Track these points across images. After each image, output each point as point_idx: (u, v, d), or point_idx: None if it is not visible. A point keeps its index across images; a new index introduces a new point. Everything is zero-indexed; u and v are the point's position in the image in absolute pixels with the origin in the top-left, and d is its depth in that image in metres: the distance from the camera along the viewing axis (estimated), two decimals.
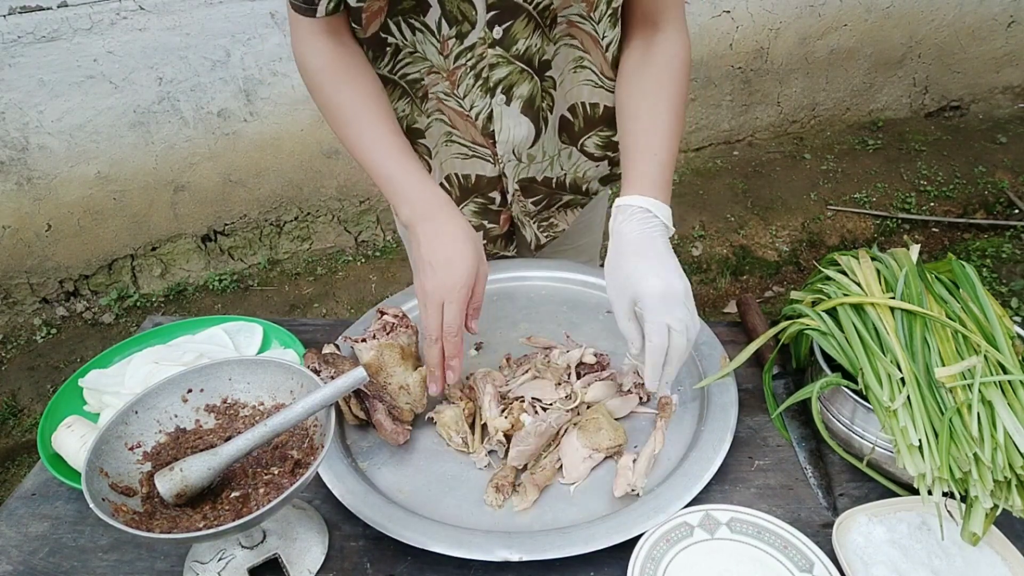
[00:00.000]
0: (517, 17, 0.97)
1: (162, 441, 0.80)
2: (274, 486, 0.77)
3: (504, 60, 1.01)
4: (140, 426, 0.79)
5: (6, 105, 2.60)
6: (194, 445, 0.80)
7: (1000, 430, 0.74)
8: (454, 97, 1.07)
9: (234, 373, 0.84)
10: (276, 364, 0.83)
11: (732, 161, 3.49)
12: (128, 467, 0.76)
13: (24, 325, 3.00)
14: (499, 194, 1.19)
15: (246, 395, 0.84)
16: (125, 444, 0.77)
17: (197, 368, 0.82)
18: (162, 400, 0.81)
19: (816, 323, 0.90)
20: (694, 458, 0.87)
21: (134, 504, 0.73)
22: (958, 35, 3.51)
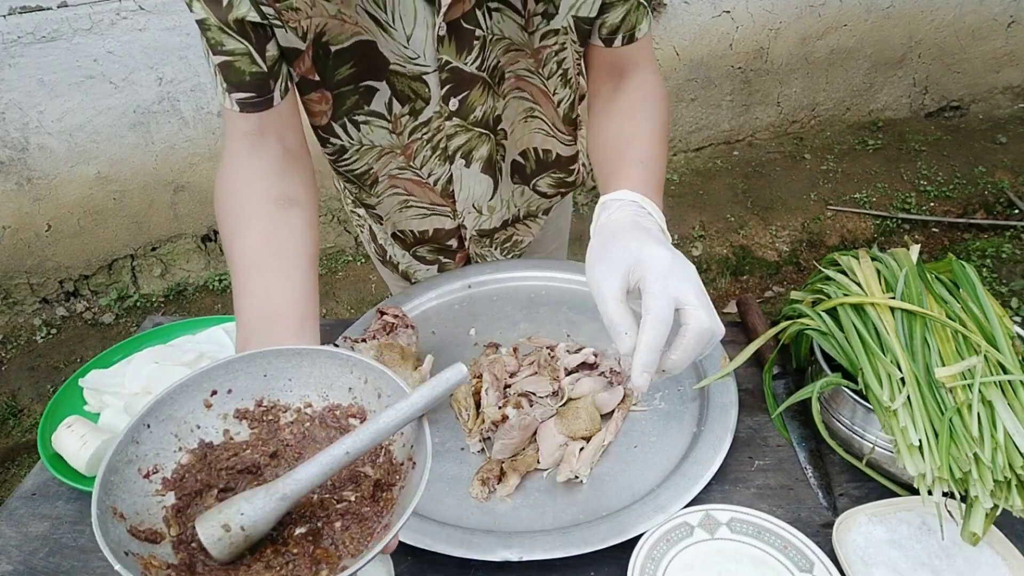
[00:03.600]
0: (473, 87, 0.94)
1: (184, 462, 0.60)
2: (355, 518, 0.59)
3: (463, 128, 0.99)
4: (155, 444, 0.59)
5: (6, 105, 2.60)
6: (229, 466, 0.62)
7: (1000, 430, 0.74)
8: (410, 169, 1.05)
9: (271, 367, 0.64)
10: (327, 354, 0.65)
11: (732, 161, 3.49)
12: (146, 502, 0.57)
13: (24, 325, 3.00)
14: (456, 240, 1.20)
15: (287, 395, 0.65)
16: (139, 470, 0.58)
17: (222, 363, 0.63)
18: (179, 408, 0.61)
19: (816, 323, 0.90)
20: (694, 458, 0.87)
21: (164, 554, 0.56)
22: (958, 35, 3.51)
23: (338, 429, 0.65)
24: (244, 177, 0.87)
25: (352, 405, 0.65)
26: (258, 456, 0.63)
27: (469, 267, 1.23)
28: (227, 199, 0.86)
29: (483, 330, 1.10)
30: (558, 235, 1.38)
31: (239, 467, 0.62)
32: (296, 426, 0.65)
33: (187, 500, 0.59)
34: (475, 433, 0.92)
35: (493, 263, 1.23)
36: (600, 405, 0.94)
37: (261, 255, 0.80)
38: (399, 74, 0.91)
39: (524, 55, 0.96)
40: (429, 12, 0.85)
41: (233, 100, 0.85)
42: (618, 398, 0.95)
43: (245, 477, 0.62)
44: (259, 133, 0.88)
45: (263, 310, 0.76)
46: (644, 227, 0.76)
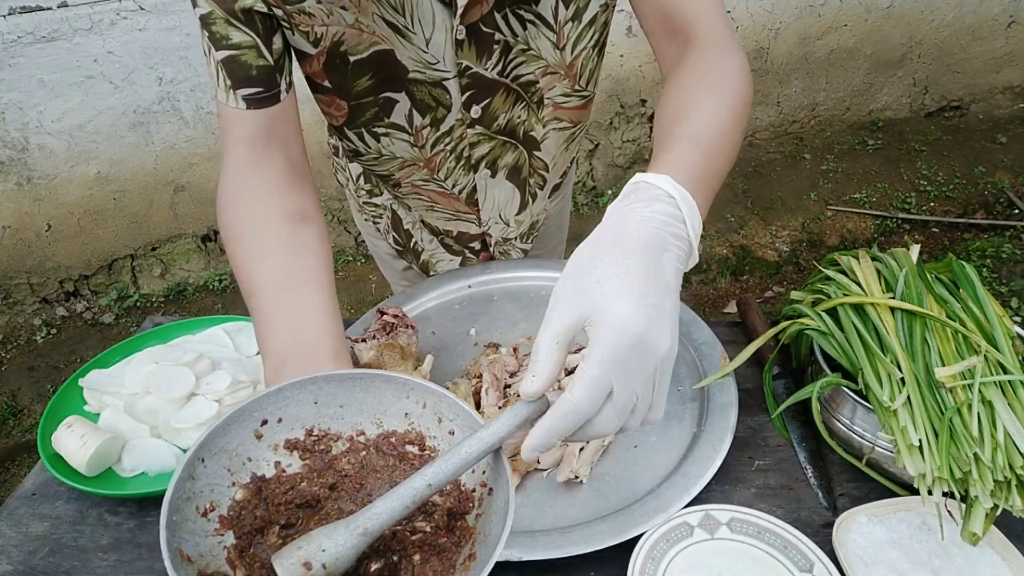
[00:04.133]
0: (495, 93, 0.93)
1: (239, 498, 0.57)
2: (433, 549, 0.56)
3: (485, 137, 0.98)
4: (209, 480, 0.56)
5: (6, 105, 2.60)
6: (287, 500, 0.58)
7: (1000, 430, 0.74)
8: (434, 181, 1.04)
9: (321, 394, 0.61)
10: (382, 378, 0.62)
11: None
12: (207, 543, 0.54)
13: (24, 325, 3.00)
14: (480, 243, 1.20)
15: (339, 423, 0.62)
16: (196, 508, 0.55)
17: (272, 391, 0.60)
18: (231, 439, 0.58)
19: (816, 323, 0.90)
20: (694, 458, 0.87)
21: None
22: (958, 35, 3.51)
23: (396, 457, 0.62)
24: (253, 190, 0.83)
25: (409, 431, 0.62)
26: (316, 488, 0.60)
27: (469, 267, 1.23)
28: (237, 214, 0.82)
29: (483, 330, 1.10)
30: (558, 232, 1.38)
31: (297, 501, 0.59)
32: (351, 455, 0.62)
33: (248, 539, 0.56)
34: None
35: (493, 263, 1.23)
36: None
37: (286, 281, 0.77)
38: (419, 82, 0.89)
39: (560, 76, 0.95)
40: (447, 15, 0.83)
41: (239, 97, 0.81)
42: None
43: (305, 512, 0.59)
44: (264, 140, 0.84)
45: (294, 340, 0.73)
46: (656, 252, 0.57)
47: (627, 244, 0.57)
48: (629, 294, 0.54)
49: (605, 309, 0.54)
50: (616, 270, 0.55)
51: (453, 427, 0.61)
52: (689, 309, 1.10)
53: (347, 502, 0.60)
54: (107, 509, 0.90)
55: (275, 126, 0.84)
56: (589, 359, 0.53)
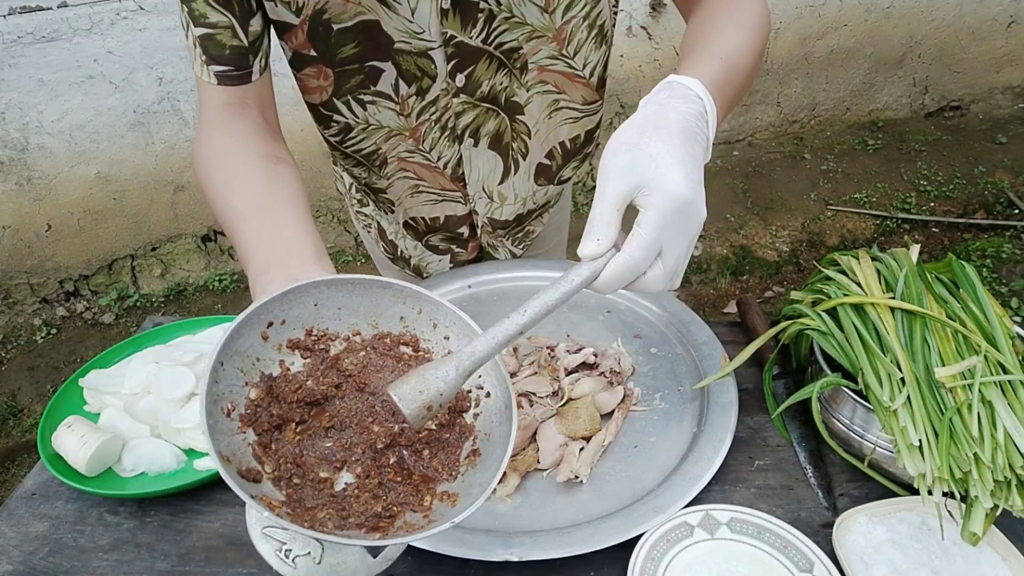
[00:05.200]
0: (478, 61, 0.94)
1: (253, 397, 0.61)
2: (439, 444, 0.61)
3: (470, 105, 0.99)
4: (228, 382, 0.60)
5: (6, 105, 2.60)
6: (297, 399, 0.62)
7: (1000, 430, 0.74)
8: (419, 152, 1.04)
9: (321, 296, 0.65)
10: (380, 284, 0.65)
11: (732, 161, 3.49)
12: (235, 441, 0.58)
13: (24, 325, 3.00)
14: (468, 228, 1.20)
15: (336, 323, 0.66)
16: (222, 410, 0.58)
17: (278, 295, 0.62)
18: (243, 342, 0.61)
19: (816, 323, 0.90)
20: (694, 458, 0.87)
21: (270, 492, 0.56)
22: (958, 35, 3.51)
23: (393, 357, 0.66)
24: (229, 139, 0.86)
25: (404, 333, 0.66)
26: (324, 388, 0.63)
27: (470, 267, 1.23)
28: (214, 158, 0.84)
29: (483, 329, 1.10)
30: (557, 232, 1.38)
31: (307, 400, 0.62)
32: (350, 355, 0.65)
33: (268, 436, 0.60)
34: None
35: (493, 263, 1.23)
36: (600, 405, 0.94)
37: (264, 200, 0.79)
38: (404, 52, 0.91)
39: (546, 40, 0.95)
40: None
41: (211, 73, 0.85)
42: (618, 398, 0.95)
43: (314, 409, 0.62)
44: (239, 105, 0.87)
45: (276, 246, 0.74)
46: (691, 138, 0.64)
47: (670, 128, 0.63)
48: (679, 168, 0.61)
49: (660, 180, 0.60)
50: (666, 147, 0.61)
51: (448, 333, 0.65)
52: (689, 309, 1.10)
53: (352, 400, 0.64)
54: (107, 509, 0.90)
55: (248, 97, 0.88)
56: (645, 223, 0.60)
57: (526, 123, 1.05)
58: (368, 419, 0.63)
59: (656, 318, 1.11)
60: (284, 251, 0.73)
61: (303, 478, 0.58)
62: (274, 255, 0.72)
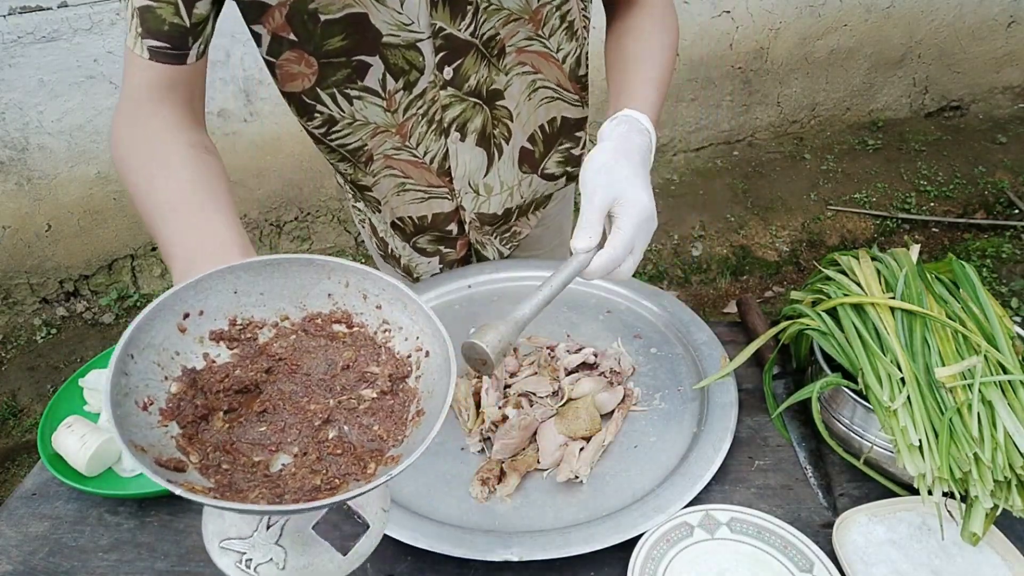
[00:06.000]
0: (467, 54, 0.94)
1: (174, 391, 0.58)
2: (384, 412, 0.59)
3: (457, 99, 0.99)
4: (142, 375, 0.56)
5: (6, 105, 2.60)
6: (224, 388, 0.59)
7: (1000, 430, 0.74)
8: (406, 149, 1.04)
9: (240, 283, 0.61)
10: (301, 261, 0.62)
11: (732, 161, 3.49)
12: (154, 434, 0.55)
13: (24, 325, 3.00)
14: (456, 225, 1.19)
15: (261, 310, 0.62)
16: (136, 403, 0.55)
17: (190, 283, 0.59)
18: (156, 334, 0.58)
19: (816, 323, 0.90)
20: (694, 458, 0.87)
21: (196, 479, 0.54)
22: (958, 35, 3.51)
23: (326, 337, 0.63)
24: (156, 122, 0.82)
25: (335, 311, 0.64)
26: (252, 374, 0.60)
27: (469, 267, 1.23)
28: (139, 142, 0.81)
29: None
30: (558, 233, 1.38)
31: (236, 388, 0.59)
32: (280, 340, 0.63)
33: (193, 427, 0.57)
34: (475, 433, 0.92)
35: (493, 263, 1.23)
36: (600, 405, 0.94)
37: (190, 194, 0.76)
38: (392, 46, 0.91)
39: (523, 22, 0.96)
40: None
41: (145, 46, 0.81)
42: (618, 398, 0.95)
43: (244, 397, 0.60)
44: (166, 88, 0.83)
45: (205, 239, 0.71)
46: (646, 164, 0.85)
47: (633, 156, 0.82)
48: (645, 187, 0.81)
49: (632, 194, 0.79)
50: (634, 170, 0.80)
51: (380, 301, 0.63)
52: (689, 309, 1.10)
53: (286, 383, 0.61)
54: (107, 509, 0.90)
55: (177, 84, 0.84)
56: (624, 227, 0.77)
57: (506, 107, 1.05)
58: (303, 399, 0.60)
59: (656, 318, 1.11)
60: (211, 245, 0.70)
61: (233, 463, 0.55)
62: (199, 249, 0.70)
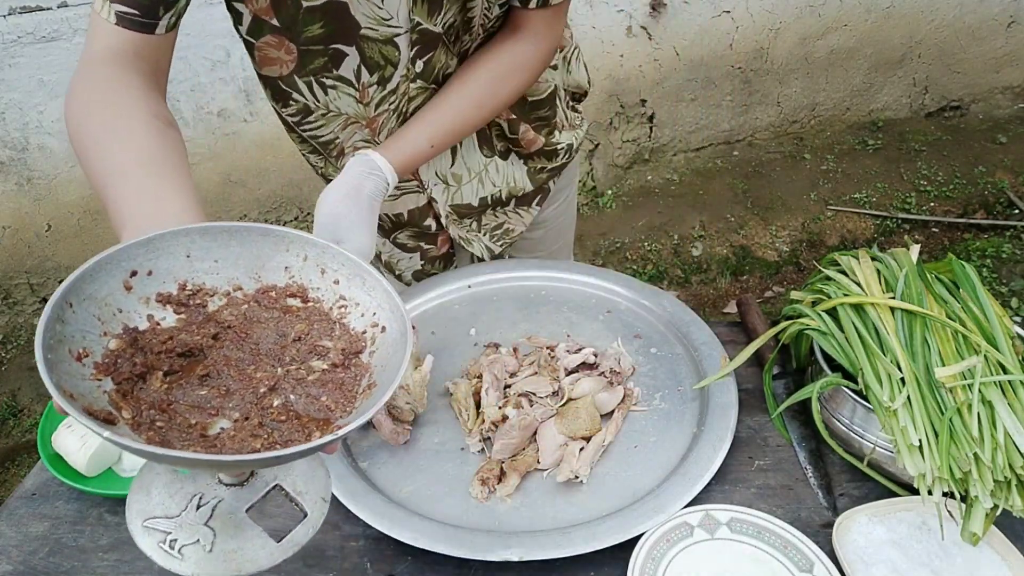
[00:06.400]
0: (437, 47, 0.94)
1: (112, 347, 0.55)
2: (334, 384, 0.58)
3: (423, 90, 0.99)
4: (80, 326, 0.54)
5: (6, 105, 2.60)
6: (167, 349, 0.56)
7: (1000, 430, 0.74)
8: (375, 143, 1.03)
9: (194, 247, 0.59)
10: (260, 231, 0.60)
11: (732, 161, 3.48)
12: (86, 385, 0.52)
13: (24, 325, 3.00)
14: (433, 220, 1.18)
15: (214, 278, 0.60)
16: (69, 352, 0.52)
17: (141, 240, 0.56)
18: (99, 287, 0.55)
19: (816, 323, 0.90)
20: (694, 458, 0.87)
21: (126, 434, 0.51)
22: (958, 35, 3.51)
23: (279, 310, 0.62)
24: (118, 87, 0.77)
25: (291, 284, 0.62)
26: (198, 338, 0.58)
27: (469, 267, 1.23)
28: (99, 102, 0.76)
29: (483, 330, 1.10)
30: (560, 235, 1.38)
31: (179, 350, 0.57)
32: (231, 308, 0.60)
33: (129, 385, 0.54)
34: (475, 433, 0.92)
35: (494, 263, 1.23)
36: (600, 405, 0.94)
37: (152, 160, 0.71)
38: (369, 39, 0.91)
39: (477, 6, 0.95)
40: None
41: (112, 11, 0.78)
42: (618, 398, 0.95)
43: (186, 360, 0.57)
44: (131, 56, 0.80)
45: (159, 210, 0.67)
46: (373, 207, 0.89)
47: (361, 200, 0.87)
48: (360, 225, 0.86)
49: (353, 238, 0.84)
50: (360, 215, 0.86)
51: (338, 276, 0.62)
52: (689, 309, 1.10)
53: (233, 350, 0.59)
54: (107, 509, 0.90)
55: (143, 52, 0.81)
56: None
57: None
58: (250, 367, 0.58)
59: (656, 318, 1.11)
60: (172, 211, 0.66)
61: (169, 423, 0.53)
62: (157, 214, 0.66)
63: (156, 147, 0.73)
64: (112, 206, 0.69)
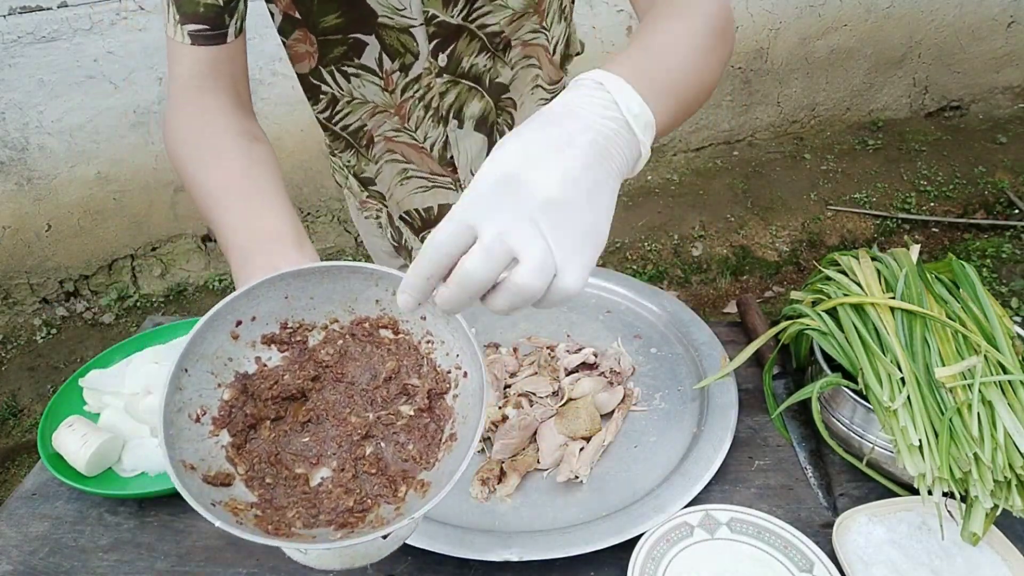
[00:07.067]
0: (459, 38, 0.94)
1: (226, 398, 0.60)
2: (418, 431, 0.60)
3: (452, 83, 0.98)
4: (196, 387, 0.59)
5: (6, 105, 2.60)
6: (273, 395, 0.61)
7: (1000, 430, 0.74)
8: (406, 131, 1.04)
9: (291, 289, 0.62)
10: (349, 269, 0.62)
11: (732, 161, 3.48)
12: (205, 446, 0.57)
13: (24, 325, 3.00)
14: None
15: (312, 313, 0.64)
16: (189, 416, 0.58)
17: (242, 292, 0.60)
18: (209, 345, 0.60)
19: (816, 323, 0.90)
20: (694, 458, 0.87)
21: (241, 494, 0.56)
22: (958, 35, 3.51)
23: (372, 343, 0.65)
24: (202, 114, 0.82)
25: (382, 316, 0.65)
26: (299, 381, 0.62)
27: None
28: (187, 135, 0.81)
29: (483, 330, 1.10)
30: None
31: (284, 395, 0.61)
32: (329, 345, 0.64)
33: (243, 436, 0.59)
34: None
35: None
36: (600, 405, 0.94)
37: (242, 183, 0.76)
38: (387, 27, 0.90)
39: (528, 16, 0.95)
40: None
41: (185, 32, 0.81)
42: (618, 398, 0.95)
43: (292, 404, 0.62)
44: (211, 75, 0.84)
45: (258, 231, 0.70)
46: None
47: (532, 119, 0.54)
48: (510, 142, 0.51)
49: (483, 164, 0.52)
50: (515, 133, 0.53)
51: (424, 312, 0.64)
52: (689, 309, 1.11)
53: (330, 391, 0.64)
54: (107, 509, 0.90)
55: (221, 65, 0.84)
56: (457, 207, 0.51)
57: (512, 98, 1.05)
58: (346, 410, 0.62)
59: (656, 318, 1.11)
60: (264, 238, 0.69)
61: (276, 476, 0.58)
62: (254, 243, 0.69)
63: (244, 168, 0.77)
64: (216, 233, 0.74)
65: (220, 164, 0.78)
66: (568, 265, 0.50)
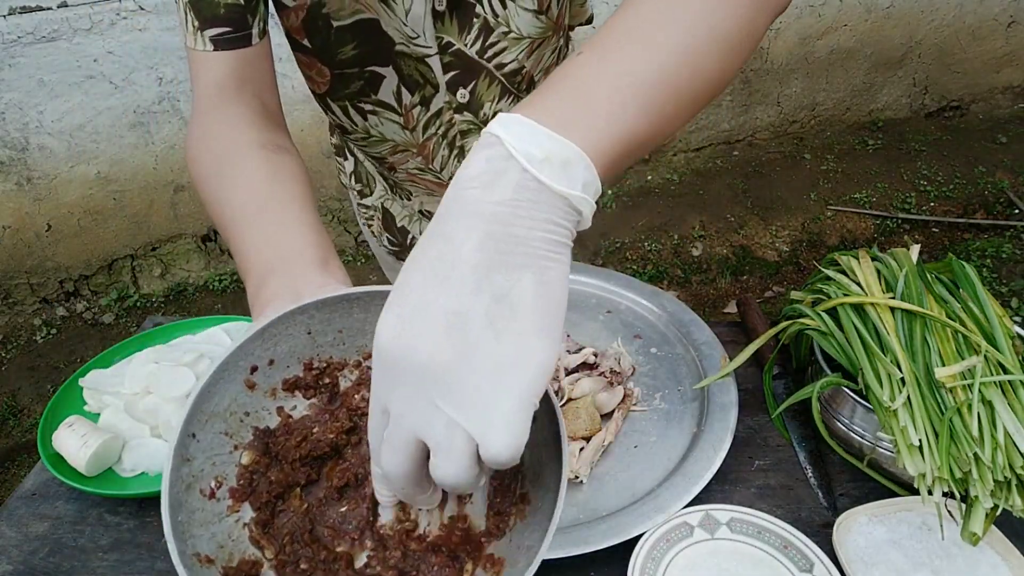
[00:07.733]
0: (478, 76, 0.90)
1: (246, 462, 0.49)
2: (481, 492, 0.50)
3: (475, 127, 0.94)
4: (207, 454, 0.48)
5: (6, 105, 2.60)
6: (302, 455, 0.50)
7: (1000, 430, 0.74)
8: (430, 171, 1.00)
9: (314, 322, 0.51)
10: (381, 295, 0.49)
11: (732, 161, 3.48)
12: (224, 527, 0.47)
13: (24, 325, 3.00)
14: None
15: (340, 349, 0.53)
16: (201, 492, 0.47)
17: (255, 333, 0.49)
18: (220, 400, 0.49)
19: (816, 323, 0.89)
20: (694, 458, 0.87)
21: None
22: (958, 35, 3.51)
23: None
24: (224, 126, 0.77)
25: None
26: (332, 435, 0.51)
27: None
28: (209, 149, 0.76)
29: None
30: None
31: (315, 454, 0.50)
32: (365, 388, 0.53)
33: (268, 510, 0.49)
34: None
35: None
36: (600, 405, 0.94)
37: (265, 202, 0.69)
38: (405, 55, 0.86)
39: (548, 41, 0.92)
40: None
41: (206, 39, 0.76)
42: (618, 398, 0.95)
43: (327, 464, 0.51)
44: (235, 84, 0.78)
45: (275, 251, 0.63)
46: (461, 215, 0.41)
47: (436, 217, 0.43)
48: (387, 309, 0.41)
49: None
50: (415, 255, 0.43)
51: None
52: (689, 309, 1.10)
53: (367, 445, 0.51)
54: (107, 509, 0.90)
55: (246, 72, 0.79)
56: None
57: None
58: None
59: (656, 318, 1.11)
60: (284, 258, 0.62)
61: (313, 559, 0.48)
62: (273, 264, 0.61)
63: (266, 183, 0.70)
64: (234, 255, 0.67)
65: (238, 183, 0.72)
66: (487, 429, 0.38)
